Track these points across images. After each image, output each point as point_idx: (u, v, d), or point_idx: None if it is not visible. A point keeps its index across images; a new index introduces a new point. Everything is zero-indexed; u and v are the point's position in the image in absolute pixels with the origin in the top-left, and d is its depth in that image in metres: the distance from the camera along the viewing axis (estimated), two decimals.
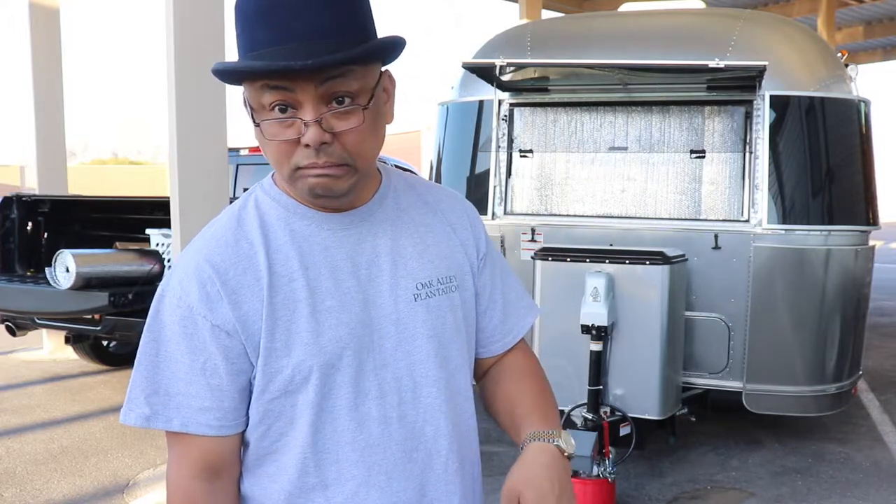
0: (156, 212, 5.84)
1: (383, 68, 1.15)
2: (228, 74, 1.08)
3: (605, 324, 4.00)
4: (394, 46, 1.11)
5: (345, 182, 1.11)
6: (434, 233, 1.26)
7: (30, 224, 6.22)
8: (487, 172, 4.98)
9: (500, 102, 4.98)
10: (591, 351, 4.03)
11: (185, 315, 1.12)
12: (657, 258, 4.13)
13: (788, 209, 4.48)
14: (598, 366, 4.04)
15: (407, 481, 1.19)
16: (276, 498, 1.18)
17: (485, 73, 4.63)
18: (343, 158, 1.09)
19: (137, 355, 1.15)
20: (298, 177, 1.10)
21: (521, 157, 4.98)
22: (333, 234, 1.17)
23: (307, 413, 1.14)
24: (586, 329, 4.03)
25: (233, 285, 1.12)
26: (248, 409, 1.16)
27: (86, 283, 5.02)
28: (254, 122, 1.10)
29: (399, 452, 1.18)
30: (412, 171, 9.41)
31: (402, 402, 1.18)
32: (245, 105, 1.12)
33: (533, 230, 4.83)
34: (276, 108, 1.07)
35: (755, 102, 4.48)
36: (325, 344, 1.13)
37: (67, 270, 4.99)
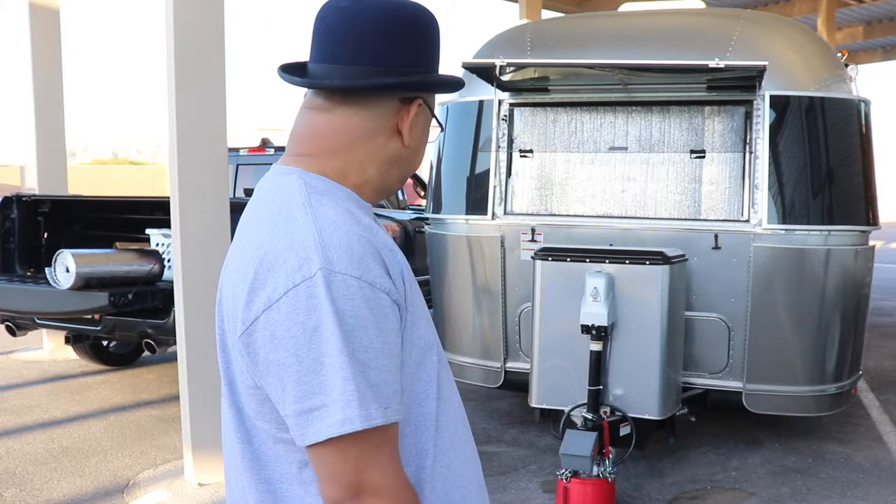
0: (156, 212, 5.85)
1: None
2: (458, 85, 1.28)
3: (605, 324, 4.00)
4: None
5: None
6: None
7: (30, 224, 6.22)
8: (487, 172, 4.98)
9: (500, 102, 4.98)
10: (591, 351, 4.03)
11: (370, 295, 1.06)
12: (657, 258, 4.13)
13: (788, 209, 4.47)
14: (598, 366, 4.04)
15: (472, 437, 1.34)
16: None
17: (485, 73, 4.63)
18: None
19: (323, 352, 1.04)
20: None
21: (521, 157, 4.98)
22: (375, 222, 1.25)
23: (433, 385, 1.20)
24: (586, 329, 4.03)
25: (390, 260, 1.13)
26: None
27: (86, 283, 5.02)
28: (439, 124, 1.32)
29: (463, 413, 1.31)
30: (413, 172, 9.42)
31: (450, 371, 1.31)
32: (426, 113, 1.26)
33: (533, 230, 4.83)
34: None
35: (755, 102, 4.47)
36: (429, 319, 1.24)
37: (67, 270, 4.99)
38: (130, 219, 6.26)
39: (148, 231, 5.71)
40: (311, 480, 1.13)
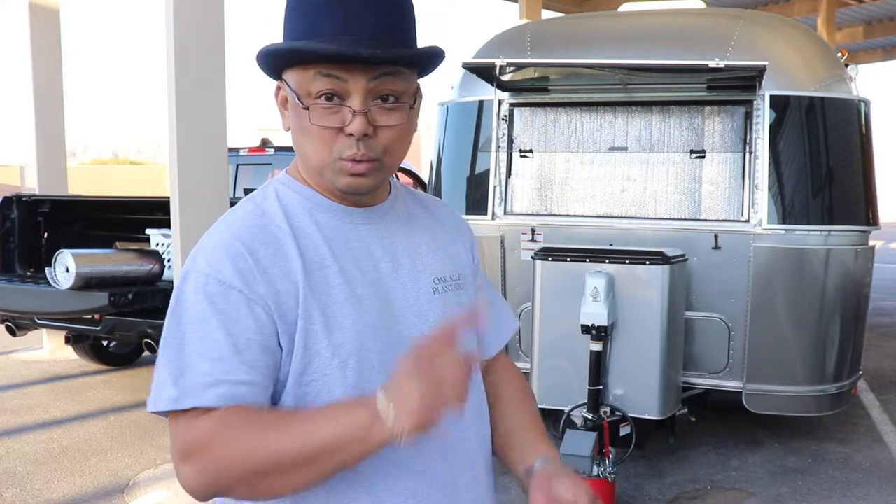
0: (156, 212, 5.84)
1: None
2: (284, 55, 1.13)
3: (605, 324, 4.00)
4: (441, 57, 1.18)
5: (372, 179, 1.17)
6: (440, 234, 1.33)
7: (30, 224, 6.22)
8: (487, 172, 4.98)
9: (500, 102, 4.98)
10: (591, 351, 4.03)
11: (216, 290, 1.10)
12: (657, 258, 4.13)
13: (788, 209, 4.48)
14: (598, 366, 4.04)
15: (444, 465, 1.22)
16: (308, 495, 1.14)
17: (485, 73, 4.63)
18: (378, 153, 1.14)
19: (161, 342, 1.13)
20: (337, 168, 1.14)
21: (521, 157, 4.98)
22: (355, 228, 1.21)
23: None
24: (586, 329, 4.03)
25: (264, 263, 1.12)
26: (279, 397, 1.14)
27: (86, 283, 5.02)
28: (302, 105, 1.13)
29: (434, 438, 1.19)
30: (413, 172, 9.42)
31: None
32: (287, 94, 1.16)
33: (533, 230, 4.83)
34: (323, 96, 1.12)
35: (755, 102, 4.47)
36: (361, 329, 1.16)
37: (67, 270, 4.99)
38: (130, 219, 6.26)
39: (148, 231, 5.71)
40: None
